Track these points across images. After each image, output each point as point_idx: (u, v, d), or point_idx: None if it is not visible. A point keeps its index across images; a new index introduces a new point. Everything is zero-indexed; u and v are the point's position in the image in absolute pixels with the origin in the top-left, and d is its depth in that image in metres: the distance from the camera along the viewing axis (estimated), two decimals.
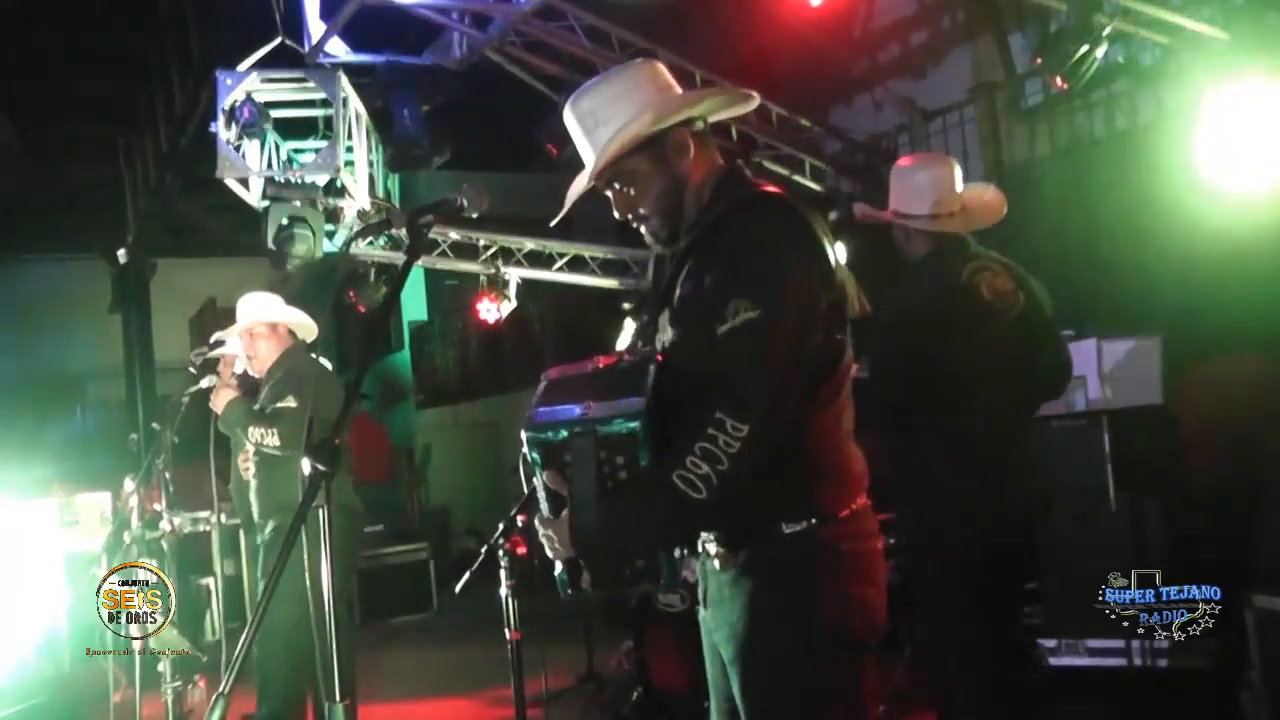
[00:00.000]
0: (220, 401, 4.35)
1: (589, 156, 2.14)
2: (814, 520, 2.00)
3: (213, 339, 4.67)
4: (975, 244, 3.34)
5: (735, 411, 1.85)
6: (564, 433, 1.96)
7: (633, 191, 2.13)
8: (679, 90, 2.17)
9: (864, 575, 2.04)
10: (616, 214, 2.18)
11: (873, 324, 3.33)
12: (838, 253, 2.04)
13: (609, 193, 2.17)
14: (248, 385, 4.46)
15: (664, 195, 2.12)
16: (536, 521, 2.07)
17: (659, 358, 2.04)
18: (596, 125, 2.11)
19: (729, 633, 2.07)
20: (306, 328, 4.62)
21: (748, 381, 1.87)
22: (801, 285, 1.94)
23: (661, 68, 2.18)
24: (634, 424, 1.90)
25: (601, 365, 2.08)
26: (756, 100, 2.22)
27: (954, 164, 3.37)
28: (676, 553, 2.05)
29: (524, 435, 1.99)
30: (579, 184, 2.19)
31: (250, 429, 4.25)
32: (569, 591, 2.06)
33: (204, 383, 4.43)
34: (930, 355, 3.19)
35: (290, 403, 4.25)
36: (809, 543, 2.00)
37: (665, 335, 2.11)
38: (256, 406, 4.38)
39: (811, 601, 1.99)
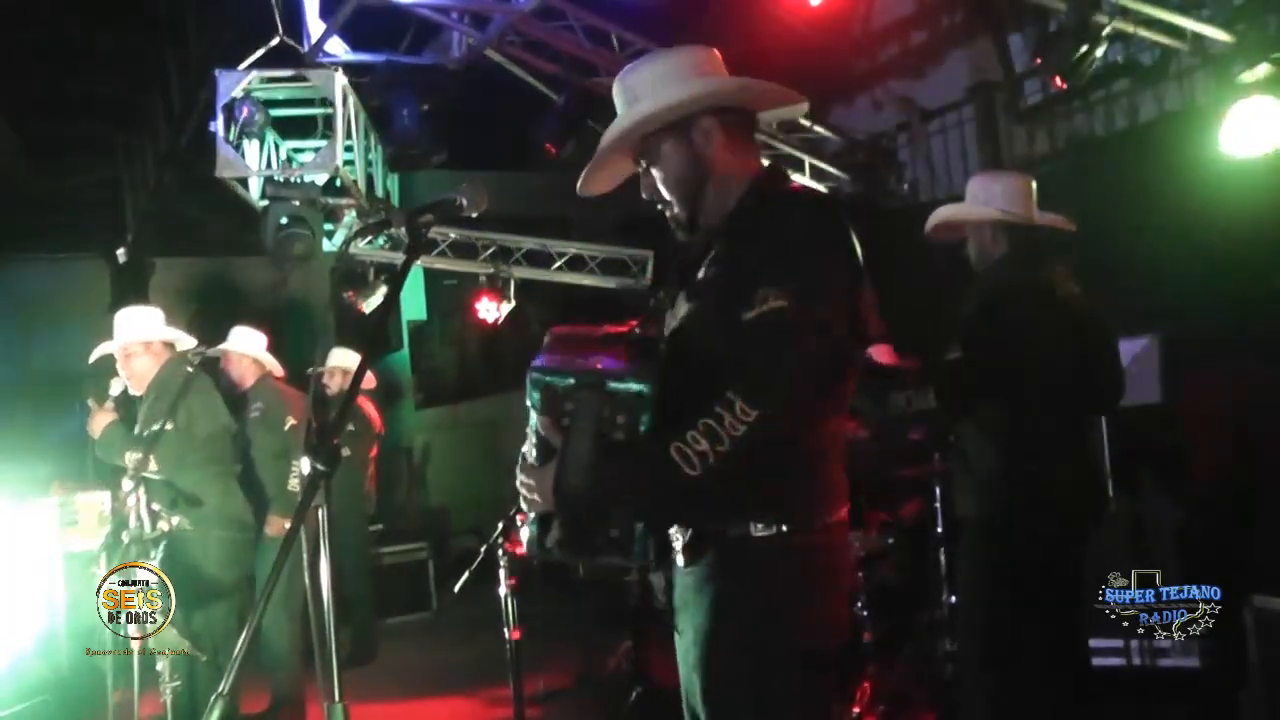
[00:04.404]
0: (97, 426, 4.26)
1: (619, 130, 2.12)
2: (785, 527, 1.94)
3: (92, 358, 4.63)
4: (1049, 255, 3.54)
5: (747, 394, 1.81)
6: (572, 380, 1.92)
7: (656, 171, 2.12)
8: (726, 77, 2.13)
9: (832, 586, 2.00)
10: (644, 193, 2.17)
11: (962, 314, 3.47)
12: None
13: (640, 172, 2.16)
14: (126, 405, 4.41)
15: (684, 180, 2.09)
16: (518, 469, 2.03)
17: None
18: (635, 100, 2.10)
19: (694, 637, 2.03)
20: (183, 342, 4.59)
21: (766, 367, 1.84)
22: (832, 285, 1.92)
23: (714, 55, 2.15)
24: (644, 385, 1.88)
25: (610, 331, 2.07)
26: (803, 104, 2.18)
27: (1024, 178, 3.61)
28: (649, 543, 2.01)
29: (530, 376, 1.95)
30: (600, 154, 2.17)
31: (127, 454, 4.19)
32: (535, 549, 2.01)
33: (113, 388, 4.37)
34: (1002, 337, 3.34)
35: (166, 426, 4.23)
36: (776, 550, 1.94)
37: (679, 314, 2.08)
38: (136, 430, 4.33)
39: (777, 612, 1.94)
